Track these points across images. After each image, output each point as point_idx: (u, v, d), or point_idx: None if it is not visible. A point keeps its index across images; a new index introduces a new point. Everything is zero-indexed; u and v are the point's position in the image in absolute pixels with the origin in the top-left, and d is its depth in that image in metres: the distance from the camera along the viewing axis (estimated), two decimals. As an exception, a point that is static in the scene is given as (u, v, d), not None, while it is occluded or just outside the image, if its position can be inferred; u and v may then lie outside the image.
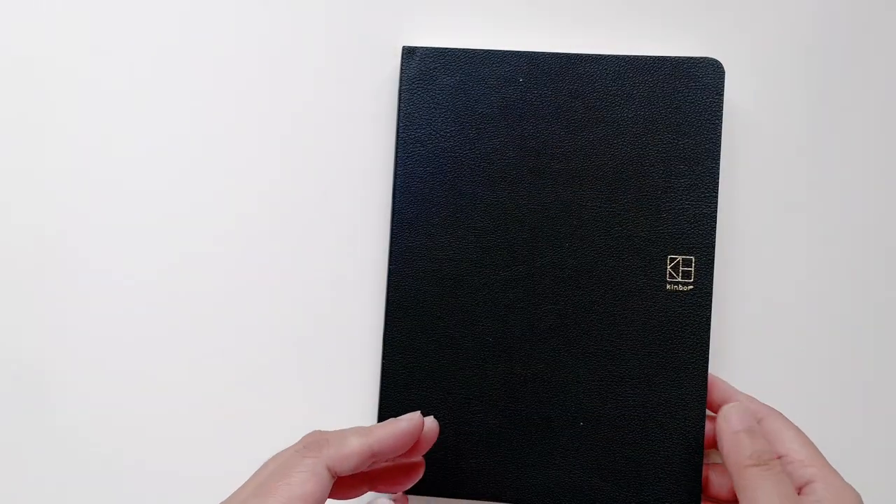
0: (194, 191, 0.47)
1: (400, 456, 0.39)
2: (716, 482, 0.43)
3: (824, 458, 0.39)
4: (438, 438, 0.41)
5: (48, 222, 0.47)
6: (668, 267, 0.43)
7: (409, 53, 0.45)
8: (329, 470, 0.35)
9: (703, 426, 0.43)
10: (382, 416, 0.44)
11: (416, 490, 0.44)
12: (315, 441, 0.36)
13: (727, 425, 0.39)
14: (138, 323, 0.47)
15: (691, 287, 0.43)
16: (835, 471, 0.39)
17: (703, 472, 0.43)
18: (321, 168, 0.47)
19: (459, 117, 0.44)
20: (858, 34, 0.45)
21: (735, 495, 0.38)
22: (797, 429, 0.40)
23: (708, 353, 0.43)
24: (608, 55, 0.44)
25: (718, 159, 0.43)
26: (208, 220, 0.47)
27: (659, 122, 0.43)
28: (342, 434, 0.37)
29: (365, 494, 0.41)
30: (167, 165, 0.47)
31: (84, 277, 0.47)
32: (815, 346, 0.45)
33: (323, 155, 0.47)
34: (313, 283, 0.47)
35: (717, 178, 0.43)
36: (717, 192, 0.43)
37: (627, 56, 0.44)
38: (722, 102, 0.43)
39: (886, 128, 0.45)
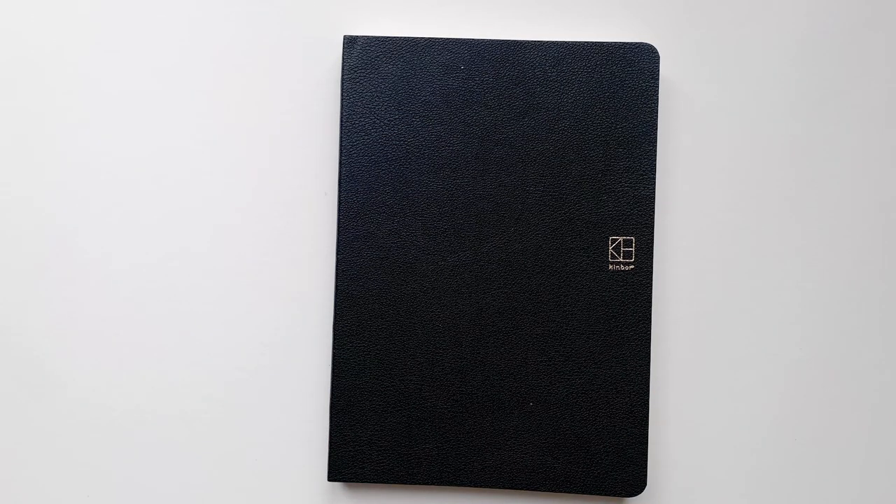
0: (134, 183, 0.46)
1: None
2: None
3: None
4: (391, 425, 0.42)
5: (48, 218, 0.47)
6: (610, 247, 0.44)
7: (350, 43, 0.45)
8: None
9: (648, 401, 0.44)
10: (335, 404, 0.44)
11: (370, 479, 0.44)
12: None
13: None
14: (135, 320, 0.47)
15: (633, 266, 0.44)
16: None
17: None
18: (265, 161, 0.46)
19: (402, 105, 0.45)
20: (790, 16, 0.47)
21: None
22: None
23: (650, 330, 0.44)
24: (547, 41, 0.45)
25: (655, 142, 0.44)
26: (153, 212, 0.46)
27: (597, 107, 0.45)
28: None
29: None
30: (114, 159, 0.46)
31: (87, 272, 0.47)
32: (755, 324, 0.47)
33: (267, 147, 0.46)
34: (261, 274, 0.46)
35: (655, 161, 0.44)
36: (654, 174, 0.44)
37: (566, 42, 0.45)
38: (657, 86, 0.44)
39: (815, 107, 0.47)
